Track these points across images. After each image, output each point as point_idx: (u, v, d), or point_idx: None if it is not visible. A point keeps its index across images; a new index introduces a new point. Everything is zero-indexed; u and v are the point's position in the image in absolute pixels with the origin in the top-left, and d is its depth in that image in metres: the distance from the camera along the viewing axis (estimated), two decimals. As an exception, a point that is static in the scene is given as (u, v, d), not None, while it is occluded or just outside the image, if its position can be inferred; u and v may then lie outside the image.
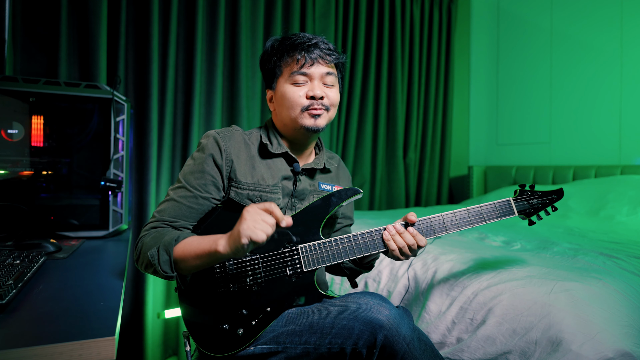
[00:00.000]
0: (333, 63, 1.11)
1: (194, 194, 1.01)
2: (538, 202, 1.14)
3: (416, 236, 1.02)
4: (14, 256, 0.96)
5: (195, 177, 1.02)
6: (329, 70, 1.09)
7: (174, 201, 1.01)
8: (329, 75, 1.09)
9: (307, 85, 1.08)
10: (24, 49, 1.98)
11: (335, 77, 1.11)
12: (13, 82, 1.35)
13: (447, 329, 1.28)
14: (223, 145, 1.04)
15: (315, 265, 1.01)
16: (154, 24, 2.22)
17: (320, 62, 1.08)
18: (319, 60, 1.07)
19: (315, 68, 1.07)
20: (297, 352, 0.93)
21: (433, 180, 3.53)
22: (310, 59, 1.07)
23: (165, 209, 1.01)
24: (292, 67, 1.07)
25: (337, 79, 1.13)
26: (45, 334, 0.62)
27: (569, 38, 3.05)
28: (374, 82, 3.19)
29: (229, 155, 1.04)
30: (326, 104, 1.08)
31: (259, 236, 0.80)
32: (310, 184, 1.14)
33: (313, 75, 1.07)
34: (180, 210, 1.00)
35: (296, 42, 1.08)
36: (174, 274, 0.93)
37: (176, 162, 2.40)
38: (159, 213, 1.01)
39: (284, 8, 2.75)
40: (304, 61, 1.06)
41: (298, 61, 1.07)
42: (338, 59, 1.12)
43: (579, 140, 2.98)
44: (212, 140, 1.05)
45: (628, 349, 0.98)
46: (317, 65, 1.07)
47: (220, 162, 1.04)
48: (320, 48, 1.08)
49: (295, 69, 1.07)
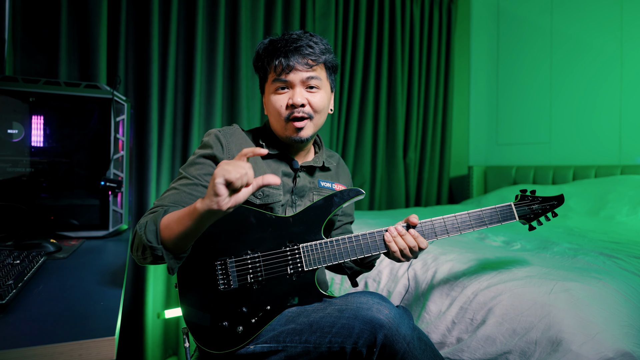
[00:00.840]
0: (319, 64, 1.06)
1: (194, 182, 1.02)
2: (539, 208, 1.14)
3: (417, 238, 1.02)
4: (14, 256, 0.96)
5: (195, 169, 1.04)
6: (311, 75, 1.04)
7: (174, 189, 1.02)
8: (312, 79, 1.04)
9: (288, 93, 1.05)
10: (24, 49, 1.98)
11: (320, 79, 1.06)
12: (13, 82, 1.35)
13: (447, 329, 1.28)
14: (224, 142, 1.06)
15: (316, 264, 1.01)
16: (154, 24, 2.22)
17: (300, 67, 1.03)
18: (297, 66, 1.03)
19: (294, 75, 1.03)
20: (297, 351, 0.93)
21: (433, 180, 3.53)
22: (288, 66, 1.02)
23: (165, 196, 1.01)
24: (272, 74, 1.05)
25: (325, 80, 1.09)
26: (45, 334, 0.62)
27: (569, 38, 3.05)
28: (374, 82, 3.19)
29: (231, 150, 1.06)
30: (308, 112, 1.05)
31: (232, 175, 0.74)
32: (310, 181, 1.14)
33: (293, 82, 1.04)
34: (180, 197, 1.00)
35: (277, 46, 1.04)
36: (159, 246, 0.87)
37: (176, 162, 2.40)
38: (159, 200, 1.01)
39: (284, 8, 2.75)
40: (282, 68, 1.02)
41: (276, 68, 1.03)
42: (325, 59, 1.07)
43: (579, 140, 2.98)
44: (213, 137, 1.06)
45: (628, 349, 0.98)
46: (296, 71, 1.03)
47: (222, 157, 1.05)
48: (300, 53, 1.03)
49: (275, 76, 1.04)
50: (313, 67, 1.05)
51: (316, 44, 1.05)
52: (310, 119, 1.06)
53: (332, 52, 1.10)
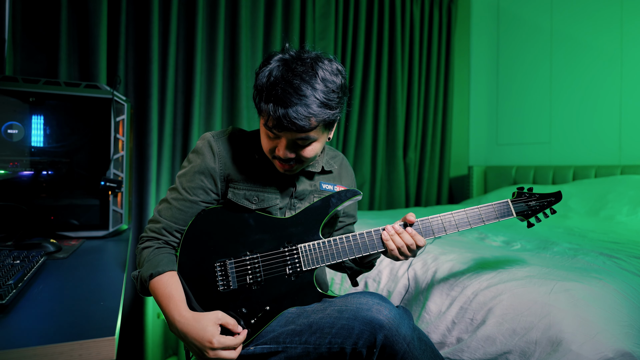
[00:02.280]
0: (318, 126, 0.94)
1: (184, 197, 1.05)
2: (536, 204, 1.14)
3: (415, 236, 1.02)
4: (14, 256, 0.96)
5: (187, 180, 1.06)
6: (304, 136, 0.93)
7: (167, 202, 1.07)
8: (305, 140, 0.95)
9: (277, 141, 0.97)
10: (24, 49, 1.98)
11: (316, 136, 0.95)
12: (13, 82, 1.35)
13: (447, 329, 1.28)
14: (217, 149, 1.05)
15: (314, 264, 1.01)
16: (154, 24, 2.22)
17: (293, 129, 0.91)
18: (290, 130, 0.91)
19: (284, 133, 0.93)
20: (297, 351, 0.93)
21: (433, 180, 3.53)
22: (279, 127, 0.91)
23: (161, 209, 1.07)
24: (264, 118, 0.95)
25: (321, 133, 0.97)
26: (45, 334, 0.62)
27: (569, 38, 3.05)
28: (374, 82, 3.19)
29: (223, 158, 1.05)
30: (297, 161, 0.99)
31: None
32: (311, 184, 1.13)
33: (283, 136, 0.95)
34: (172, 212, 1.05)
35: (272, 92, 0.90)
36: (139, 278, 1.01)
37: (176, 162, 2.40)
38: (157, 216, 1.06)
39: (284, 8, 2.75)
40: (272, 125, 0.92)
41: (268, 120, 0.93)
42: (323, 119, 0.92)
43: (579, 140, 2.98)
44: (206, 144, 1.06)
45: (628, 349, 0.98)
46: (287, 132, 0.92)
47: (213, 165, 1.04)
48: (295, 125, 0.89)
49: (264, 121, 0.95)
50: (307, 132, 0.93)
51: (315, 101, 0.90)
52: (300, 163, 1.00)
53: (334, 108, 0.94)
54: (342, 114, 0.99)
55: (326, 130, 0.99)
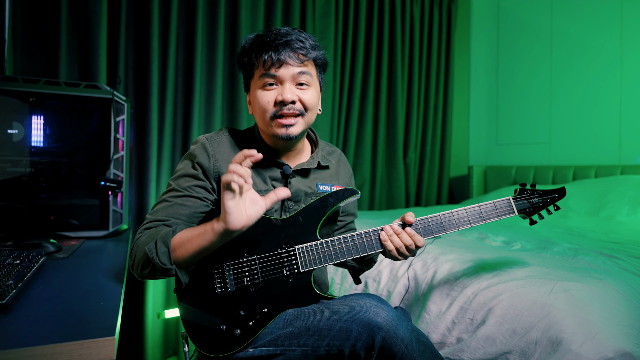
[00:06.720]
0: (310, 59, 1.02)
1: (184, 194, 1.01)
2: (539, 201, 1.11)
3: (414, 236, 1.01)
4: (14, 256, 0.96)
5: (185, 180, 1.03)
6: (302, 70, 1.00)
7: (165, 202, 1.01)
8: (303, 74, 1.01)
9: (277, 89, 1.01)
10: (24, 49, 1.98)
11: (311, 75, 1.03)
12: (13, 82, 1.35)
13: (447, 329, 1.28)
14: (211, 151, 1.04)
15: (312, 266, 1.01)
16: (154, 24, 2.22)
17: (291, 62, 0.99)
18: (288, 60, 0.98)
19: (284, 69, 0.99)
20: (295, 354, 0.93)
21: (433, 180, 3.53)
22: (279, 60, 0.98)
23: (157, 209, 1.01)
24: (260, 69, 1.00)
25: (315, 77, 1.05)
26: (45, 334, 0.62)
27: (569, 38, 3.05)
28: (374, 82, 3.19)
29: (217, 160, 1.04)
30: (299, 109, 1.01)
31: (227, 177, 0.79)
32: (306, 185, 1.11)
33: (283, 77, 1.00)
34: (173, 209, 1.00)
35: (266, 40, 0.99)
36: (172, 267, 0.89)
37: (176, 162, 2.40)
38: (152, 214, 1.01)
39: (284, 8, 2.75)
40: (271, 62, 0.98)
41: (265, 62, 0.99)
42: (316, 55, 1.03)
43: (579, 140, 2.98)
44: (200, 146, 1.05)
45: (628, 349, 0.98)
46: (287, 66, 0.99)
47: (208, 167, 1.03)
48: (291, 47, 0.98)
49: (263, 71, 1.00)
50: (304, 62, 1.01)
51: (306, 39, 1.02)
52: (301, 115, 1.02)
53: (322, 49, 1.06)
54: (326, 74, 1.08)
55: (318, 76, 1.07)
